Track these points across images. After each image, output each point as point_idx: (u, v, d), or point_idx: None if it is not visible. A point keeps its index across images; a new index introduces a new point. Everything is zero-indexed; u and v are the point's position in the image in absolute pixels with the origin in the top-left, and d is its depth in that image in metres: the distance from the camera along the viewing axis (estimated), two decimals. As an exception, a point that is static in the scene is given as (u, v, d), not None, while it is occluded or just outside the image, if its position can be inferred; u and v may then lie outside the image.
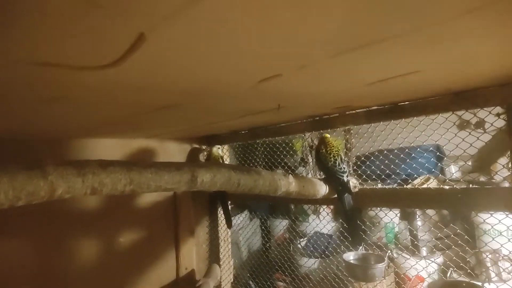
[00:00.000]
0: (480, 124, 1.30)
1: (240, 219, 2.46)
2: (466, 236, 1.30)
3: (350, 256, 1.34)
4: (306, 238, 2.22)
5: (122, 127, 1.29)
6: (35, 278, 1.32)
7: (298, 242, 2.20)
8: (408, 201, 1.19)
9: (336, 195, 1.22)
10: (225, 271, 1.97)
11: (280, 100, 0.95)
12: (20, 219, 1.28)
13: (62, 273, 1.40)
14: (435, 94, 1.03)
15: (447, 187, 1.08)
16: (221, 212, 1.98)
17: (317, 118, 1.41)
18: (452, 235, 1.30)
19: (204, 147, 1.98)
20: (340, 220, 1.71)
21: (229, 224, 1.75)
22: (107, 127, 1.25)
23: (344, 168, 1.21)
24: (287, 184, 1.04)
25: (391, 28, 0.48)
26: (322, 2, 0.39)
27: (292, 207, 2.44)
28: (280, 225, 2.43)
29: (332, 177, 1.21)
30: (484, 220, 1.07)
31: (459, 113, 1.10)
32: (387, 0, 0.40)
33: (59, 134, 1.35)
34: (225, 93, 0.81)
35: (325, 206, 1.99)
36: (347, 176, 1.21)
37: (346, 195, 1.18)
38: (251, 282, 2.23)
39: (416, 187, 1.50)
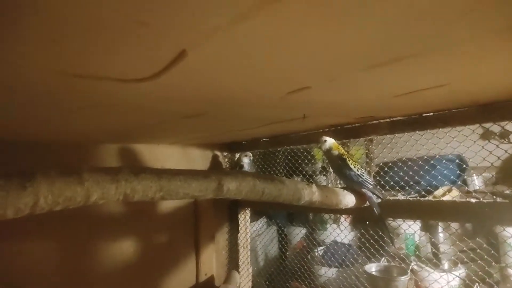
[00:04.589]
0: (505, 135, 1.28)
1: (259, 225, 2.46)
2: (492, 251, 1.27)
3: (372, 268, 1.33)
4: (324, 247, 2.20)
5: (149, 134, 1.32)
6: (59, 279, 1.36)
7: (316, 251, 2.18)
8: (432, 214, 1.18)
9: (364, 204, 1.22)
10: (244, 277, 1.98)
11: (306, 110, 0.96)
12: (47, 222, 1.32)
13: (86, 275, 1.44)
14: (462, 106, 1.03)
15: (473, 200, 1.06)
16: (241, 218, 2.00)
17: (339, 127, 1.41)
18: (476, 249, 1.27)
19: (225, 153, 2.00)
20: (362, 230, 1.70)
21: None
22: (134, 134, 1.29)
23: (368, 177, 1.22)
24: (311, 193, 1.05)
25: (423, 44, 0.49)
26: (356, 20, 0.40)
27: (311, 215, 2.43)
28: (298, 232, 2.42)
29: (357, 184, 1.21)
30: (511, 235, 1.05)
31: (485, 124, 1.08)
32: (419, 18, 0.41)
33: (88, 139, 1.39)
34: (253, 103, 0.82)
35: (346, 216, 1.98)
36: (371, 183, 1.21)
37: (376, 198, 1.19)
38: (267, 289, 2.23)
39: (440, 199, 1.48)
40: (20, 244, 1.27)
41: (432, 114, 1.12)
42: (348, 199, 1.19)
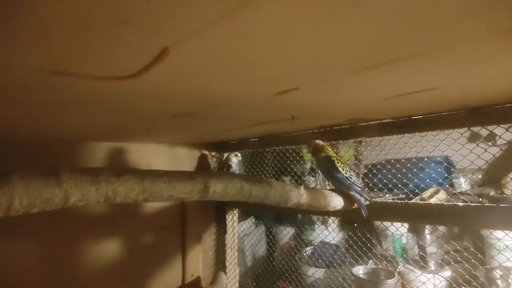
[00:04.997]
0: (491, 137, 1.28)
1: (246, 225, 2.45)
2: (478, 253, 1.28)
3: (360, 270, 1.32)
4: (312, 247, 2.20)
5: (135, 132, 1.29)
6: (43, 278, 1.33)
7: (304, 251, 2.18)
8: (420, 217, 1.17)
9: (352, 207, 1.21)
10: (231, 279, 1.96)
11: (295, 111, 0.95)
12: (30, 220, 1.29)
13: (70, 275, 1.40)
14: (451, 109, 1.02)
15: (461, 203, 1.06)
16: (229, 219, 1.97)
17: (328, 128, 1.40)
18: (461, 250, 1.27)
19: (213, 153, 1.98)
20: (350, 232, 1.70)
21: None
22: (120, 132, 1.26)
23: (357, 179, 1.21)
24: (298, 195, 1.03)
25: (416, 47, 0.48)
26: (349, 20, 0.39)
27: (299, 216, 2.42)
28: (286, 233, 2.41)
29: (345, 187, 1.20)
30: (499, 239, 1.05)
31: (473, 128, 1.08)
32: (414, 19, 0.39)
33: (73, 136, 1.36)
34: (241, 104, 0.80)
35: (335, 218, 1.97)
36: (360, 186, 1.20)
37: (364, 200, 1.18)
38: (254, 290, 2.22)
39: (428, 201, 1.48)
40: (4, 244, 1.23)
41: (421, 116, 1.12)
42: (336, 201, 1.18)
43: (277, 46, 0.45)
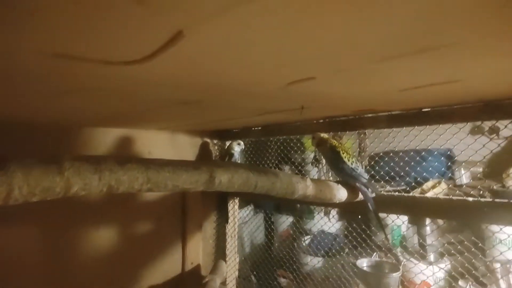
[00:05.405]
0: (495, 130, 1.26)
1: (245, 213, 2.44)
2: (479, 244, 1.26)
3: (364, 263, 1.31)
4: (310, 236, 2.19)
5: (137, 118, 1.25)
6: (42, 266, 1.31)
7: (303, 239, 2.17)
8: (428, 211, 1.15)
9: (357, 199, 1.19)
10: (231, 267, 1.95)
11: (306, 101, 0.91)
12: (28, 207, 1.26)
13: (69, 263, 1.39)
14: (465, 102, 0.99)
15: (470, 199, 1.04)
16: (230, 207, 1.96)
17: (335, 119, 1.36)
18: (463, 241, 1.26)
19: (215, 141, 1.95)
20: (352, 222, 1.68)
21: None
22: (122, 118, 1.22)
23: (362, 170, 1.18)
24: (305, 187, 1.01)
25: (448, 37, 0.44)
26: (376, 8, 0.35)
27: (298, 205, 2.40)
28: (285, 219, 2.40)
29: (352, 178, 1.17)
30: (509, 236, 1.03)
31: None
32: (446, 9, 0.36)
33: (72, 122, 1.32)
34: (251, 93, 0.77)
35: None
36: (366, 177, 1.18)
37: (371, 192, 1.16)
38: (252, 277, 2.22)
39: (431, 190, 1.46)
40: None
41: (431, 109, 1.08)
42: (342, 193, 1.15)
43: (302, 32, 0.41)
